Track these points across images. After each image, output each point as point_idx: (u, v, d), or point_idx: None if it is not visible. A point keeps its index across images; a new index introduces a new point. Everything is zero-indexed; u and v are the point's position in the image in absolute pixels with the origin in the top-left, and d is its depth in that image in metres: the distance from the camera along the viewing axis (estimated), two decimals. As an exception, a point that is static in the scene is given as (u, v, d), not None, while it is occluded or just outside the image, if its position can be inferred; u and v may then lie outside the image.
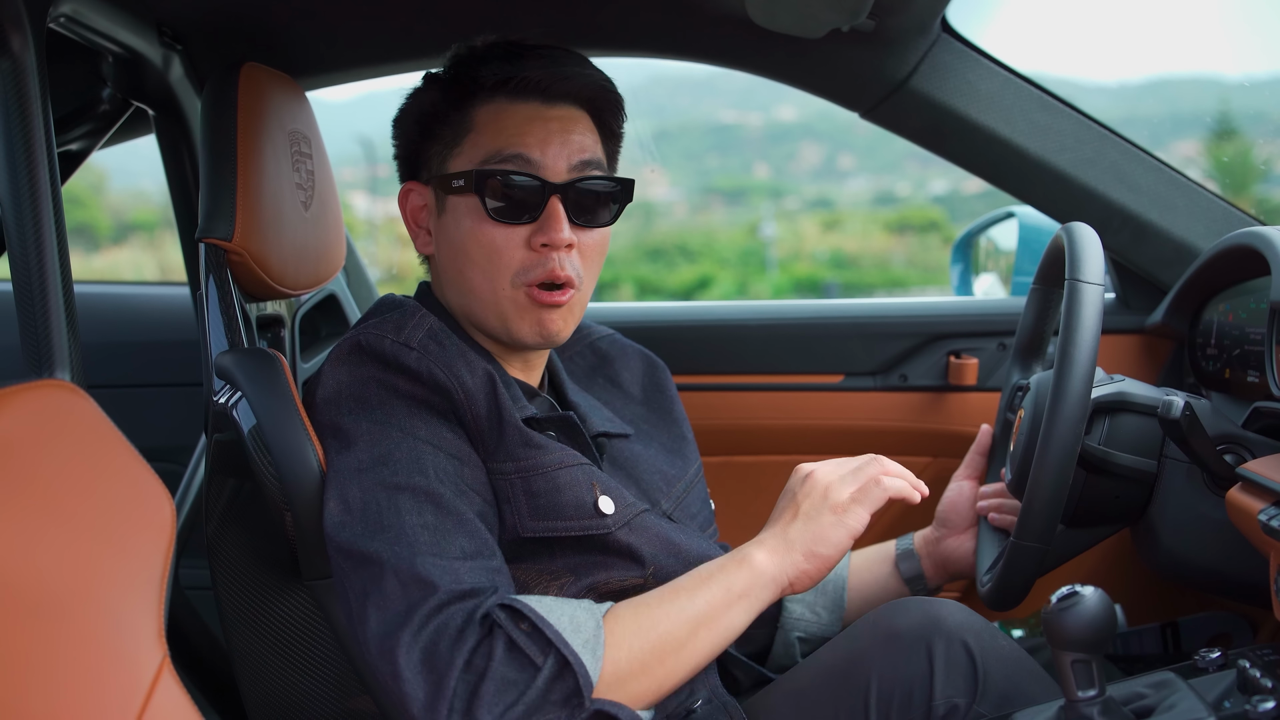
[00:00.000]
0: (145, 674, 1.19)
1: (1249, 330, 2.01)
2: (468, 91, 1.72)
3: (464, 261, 1.70)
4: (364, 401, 1.58)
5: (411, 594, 1.44)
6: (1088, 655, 1.34)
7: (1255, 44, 30.46)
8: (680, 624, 1.52)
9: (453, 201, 1.71)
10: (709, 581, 1.56)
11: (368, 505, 1.51)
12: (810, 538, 1.59)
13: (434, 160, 1.74)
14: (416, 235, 1.78)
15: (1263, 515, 1.43)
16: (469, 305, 1.73)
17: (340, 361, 1.62)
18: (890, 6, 2.01)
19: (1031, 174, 2.29)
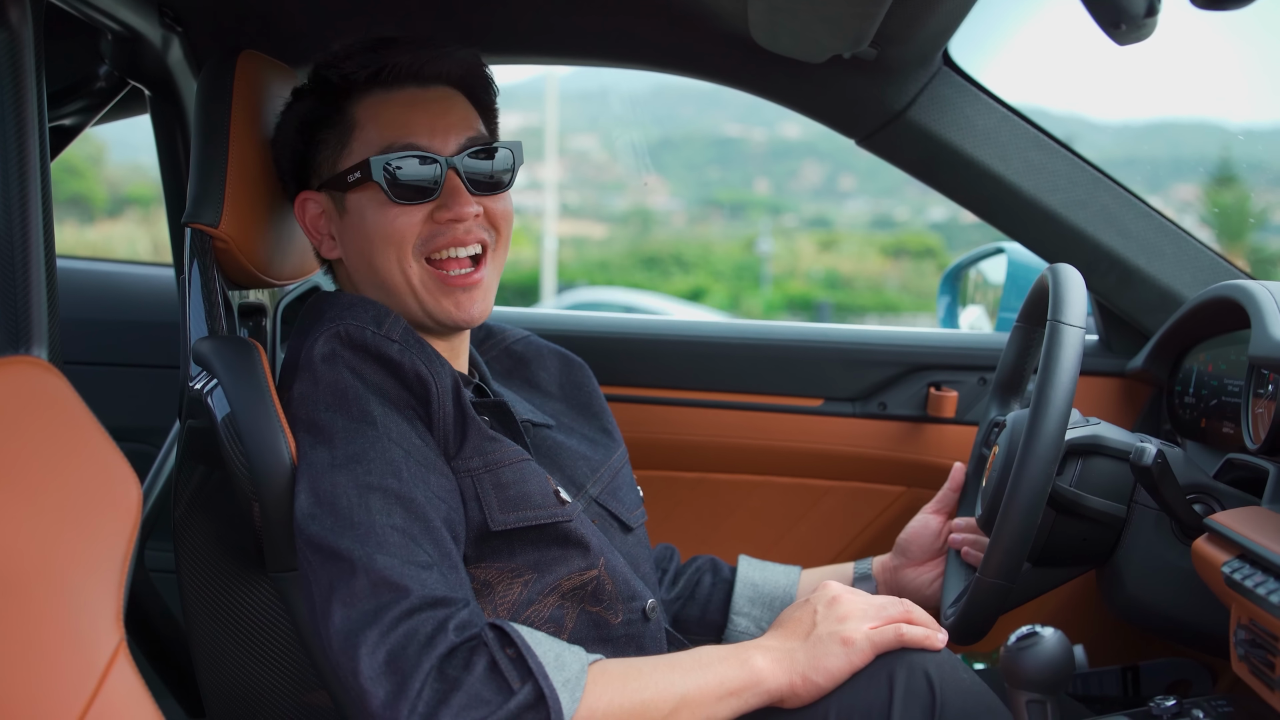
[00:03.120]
0: (100, 657, 1.19)
1: (1227, 382, 2.02)
2: (342, 90, 1.73)
3: (372, 251, 1.71)
4: (342, 396, 1.58)
5: (381, 595, 1.44)
6: (1043, 696, 1.34)
7: (1259, 93, 30.55)
8: (666, 696, 1.51)
9: (353, 199, 1.72)
10: (706, 668, 1.55)
11: (338, 500, 1.50)
12: (812, 662, 1.57)
13: (324, 165, 1.74)
14: (321, 242, 1.77)
15: (1226, 568, 1.44)
16: (385, 297, 1.73)
17: (319, 354, 1.61)
18: (893, 37, 2.02)
19: (1023, 212, 2.30)
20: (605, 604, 1.70)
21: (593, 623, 1.69)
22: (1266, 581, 1.34)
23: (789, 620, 1.63)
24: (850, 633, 1.57)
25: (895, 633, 1.57)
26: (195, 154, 1.72)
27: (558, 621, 1.65)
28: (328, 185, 1.73)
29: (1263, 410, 1.78)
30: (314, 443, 1.56)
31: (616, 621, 1.71)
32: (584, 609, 1.68)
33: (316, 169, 1.75)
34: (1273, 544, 1.38)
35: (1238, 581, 1.39)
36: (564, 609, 1.66)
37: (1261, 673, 1.38)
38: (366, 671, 1.40)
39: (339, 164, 1.72)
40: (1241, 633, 1.44)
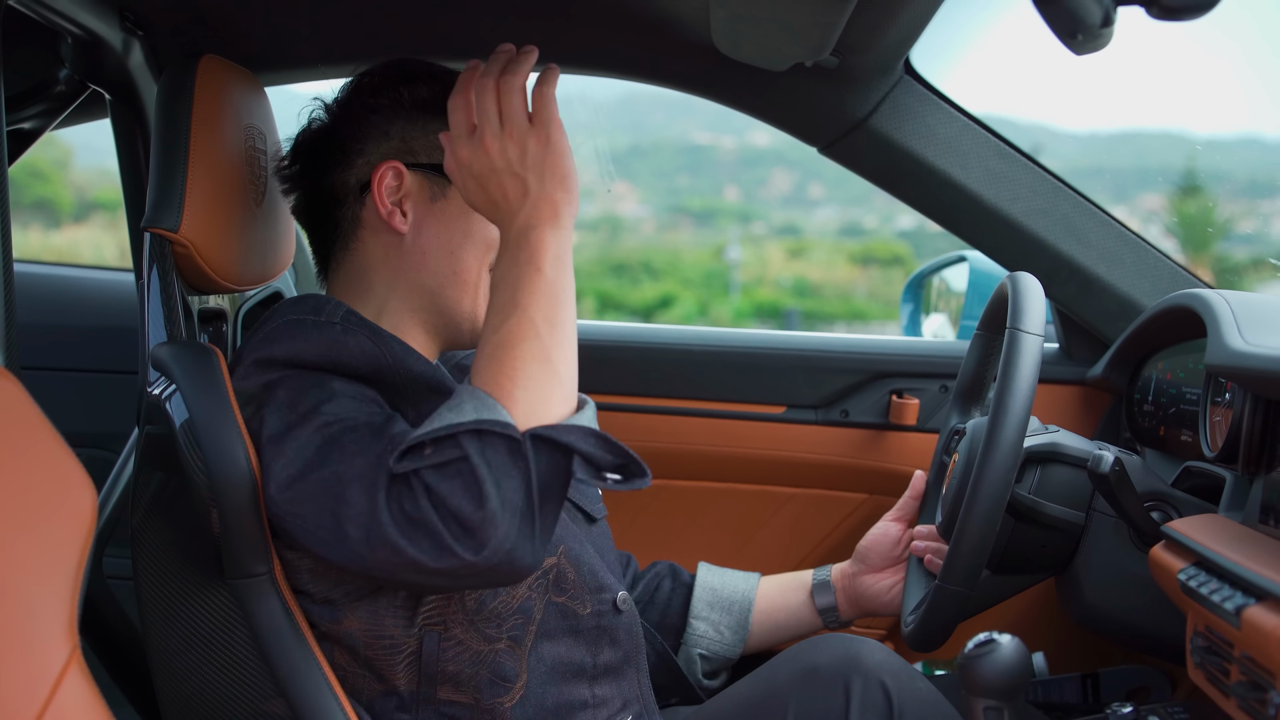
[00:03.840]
0: (53, 665, 1.18)
1: (1185, 390, 2.03)
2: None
3: (463, 243, 1.75)
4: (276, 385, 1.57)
5: (371, 487, 1.42)
6: (1000, 703, 1.35)
7: (1224, 105, 30.82)
8: (530, 334, 1.50)
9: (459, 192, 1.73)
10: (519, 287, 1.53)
11: (305, 449, 1.49)
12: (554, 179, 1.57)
13: (433, 150, 1.76)
14: (391, 213, 1.75)
15: (1182, 575, 1.45)
16: (442, 287, 1.76)
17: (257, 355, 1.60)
18: (854, 45, 2.02)
19: (983, 220, 2.31)
20: (570, 594, 1.70)
21: (560, 613, 1.69)
22: (1222, 589, 1.35)
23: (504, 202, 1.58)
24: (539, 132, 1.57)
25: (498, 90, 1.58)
26: (155, 158, 1.71)
27: (526, 613, 1.65)
28: (436, 169, 1.75)
29: (1220, 418, 1.79)
30: (261, 418, 1.55)
31: (585, 613, 1.71)
32: (550, 599, 1.68)
33: (416, 149, 1.76)
34: (1228, 551, 1.39)
35: (1193, 589, 1.40)
36: (531, 600, 1.65)
37: (1217, 679, 1.39)
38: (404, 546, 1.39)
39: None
40: (1198, 640, 1.45)
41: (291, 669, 1.57)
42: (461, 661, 1.61)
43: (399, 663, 1.61)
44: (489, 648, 1.62)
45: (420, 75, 1.80)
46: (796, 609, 2.09)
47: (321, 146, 1.81)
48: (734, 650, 2.07)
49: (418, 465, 1.40)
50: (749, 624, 2.06)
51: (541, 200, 1.56)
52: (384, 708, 1.63)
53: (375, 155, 1.77)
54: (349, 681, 1.63)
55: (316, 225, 1.84)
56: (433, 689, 1.62)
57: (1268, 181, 20.16)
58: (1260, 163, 21.86)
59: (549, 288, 1.53)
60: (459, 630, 1.61)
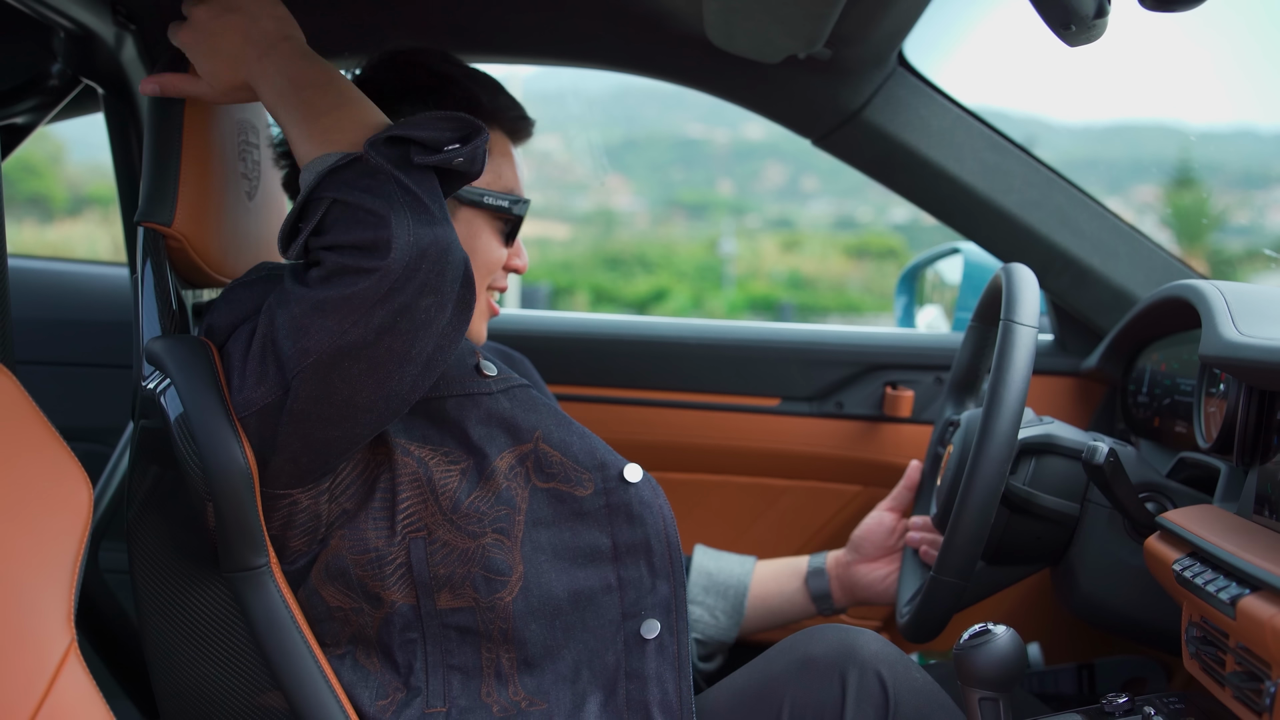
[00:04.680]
0: (51, 658, 1.18)
1: (1180, 381, 2.03)
2: (484, 115, 1.79)
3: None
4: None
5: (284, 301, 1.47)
6: (995, 694, 1.35)
7: (1217, 97, 30.86)
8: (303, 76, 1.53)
9: (469, 214, 1.79)
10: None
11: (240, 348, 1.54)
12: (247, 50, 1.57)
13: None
14: None
15: (1177, 565, 1.45)
16: None
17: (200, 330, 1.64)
18: (847, 37, 2.02)
19: (977, 212, 2.31)
20: (560, 477, 1.69)
21: (555, 498, 1.68)
22: (1216, 579, 1.35)
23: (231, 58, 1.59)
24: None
25: None
26: (148, 152, 1.71)
27: (508, 503, 1.65)
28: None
29: (1214, 409, 1.79)
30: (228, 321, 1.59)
31: (587, 493, 1.69)
32: (535, 486, 1.68)
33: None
34: (1223, 542, 1.40)
35: (1188, 579, 1.40)
36: (511, 489, 1.65)
37: (1212, 670, 1.39)
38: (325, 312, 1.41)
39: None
40: (1193, 630, 1.45)
41: (287, 662, 1.58)
42: (451, 563, 1.62)
43: (390, 575, 1.61)
44: (475, 544, 1.62)
45: (450, 79, 1.80)
46: (791, 595, 2.10)
47: None
48: (729, 634, 2.08)
49: (305, 241, 1.44)
50: (744, 608, 2.08)
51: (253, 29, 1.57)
52: (390, 632, 1.63)
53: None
54: (352, 624, 1.64)
55: None
56: (431, 600, 1.62)
57: (1262, 173, 20.18)
58: (1254, 154, 21.90)
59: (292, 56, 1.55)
60: (442, 532, 1.62)
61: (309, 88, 1.53)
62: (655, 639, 1.67)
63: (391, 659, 1.64)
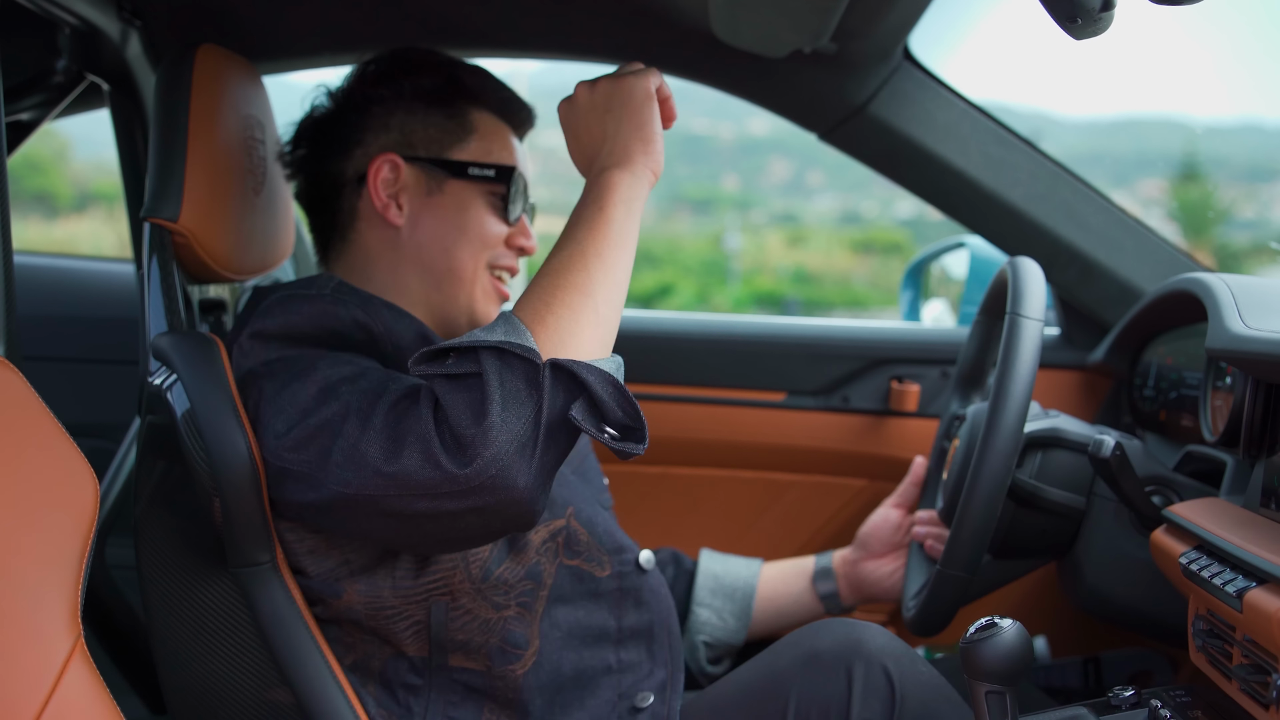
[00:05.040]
0: (57, 655, 1.18)
1: (1186, 374, 2.03)
2: (469, 94, 1.83)
3: (457, 239, 1.80)
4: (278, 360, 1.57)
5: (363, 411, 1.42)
6: (1002, 687, 1.35)
7: (1222, 91, 30.79)
8: (579, 265, 1.47)
9: (458, 187, 1.80)
10: (580, 224, 1.51)
11: (302, 400, 1.49)
12: (634, 131, 1.57)
13: (431, 143, 1.81)
14: (386, 206, 1.79)
15: (1184, 558, 1.45)
16: (438, 282, 1.80)
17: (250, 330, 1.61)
18: (853, 31, 2.02)
19: (983, 206, 2.31)
20: (584, 555, 1.70)
21: (576, 577, 1.70)
22: (1223, 572, 1.35)
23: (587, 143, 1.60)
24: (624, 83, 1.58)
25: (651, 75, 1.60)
26: (154, 148, 1.71)
27: (535, 578, 1.66)
28: (433, 163, 1.80)
29: (1221, 403, 1.79)
30: (258, 387, 1.55)
31: (604, 574, 1.71)
32: (562, 563, 1.69)
33: (421, 142, 1.81)
34: (1229, 535, 1.40)
35: (1195, 572, 1.40)
36: (540, 564, 1.66)
37: (1219, 662, 1.39)
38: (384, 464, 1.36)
39: (452, 151, 1.81)
40: (1199, 623, 1.45)
41: (295, 657, 1.58)
42: (471, 630, 1.62)
43: (403, 630, 1.62)
44: (497, 615, 1.62)
45: (424, 66, 1.83)
46: (798, 595, 2.10)
47: (322, 134, 1.84)
48: (737, 637, 2.08)
49: (433, 370, 1.38)
50: (752, 610, 2.08)
51: (617, 144, 1.57)
52: (396, 672, 1.63)
53: (373, 147, 1.80)
54: (357, 651, 1.64)
55: (316, 213, 1.87)
56: (444, 656, 1.63)
57: (1267, 167, 20.14)
58: (1260, 148, 21.85)
59: (608, 226, 1.50)
60: (466, 599, 1.61)
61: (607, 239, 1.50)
62: (649, 707, 1.71)
63: (392, 693, 1.65)
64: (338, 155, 1.82)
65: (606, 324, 1.47)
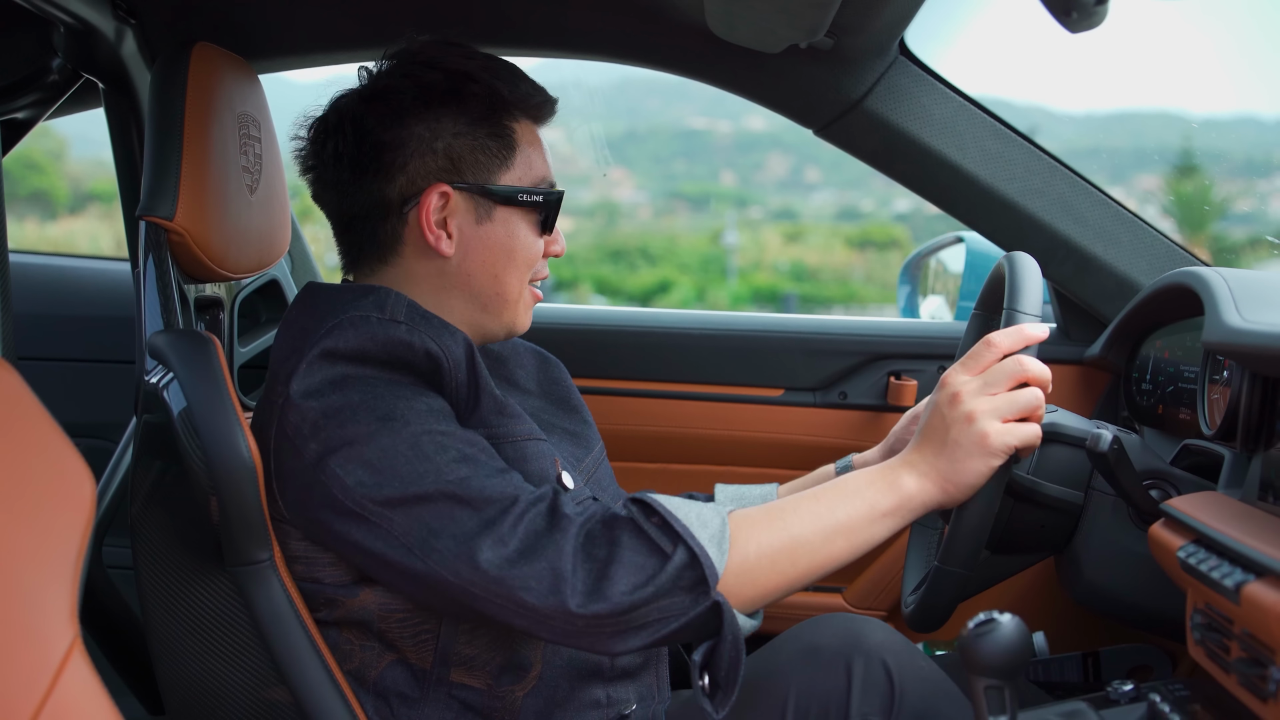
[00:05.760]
0: (54, 654, 1.18)
1: (1183, 368, 2.03)
2: (508, 107, 1.75)
3: (508, 264, 1.75)
4: (345, 381, 1.56)
5: (487, 511, 1.48)
6: (1000, 682, 1.34)
7: (1219, 84, 30.80)
8: (816, 530, 1.54)
9: (506, 213, 1.74)
10: (853, 496, 1.57)
11: (394, 458, 1.50)
12: (954, 470, 1.57)
13: (479, 169, 1.72)
14: (437, 238, 1.71)
15: (1182, 552, 1.44)
16: (484, 304, 1.76)
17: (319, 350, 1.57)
18: (848, 26, 2.02)
19: (980, 201, 2.31)
20: None
21: None
22: (1221, 565, 1.35)
23: (925, 430, 1.62)
24: (984, 432, 1.56)
25: (1032, 434, 1.58)
26: (149, 147, 1.71)
27: None
28: (481, 191, 1.72)
29: (1218, 396, 1.79)
30: (339, 421, 1.53)
31: None
32: None
33: (463, 168, 1.71)
34: (1227, 528, 1.40)
35: (1193, 566, 1.40)
36: None
37: (1217, 656, 1.39)
38: (508, 574, 1.44)
39: (500, 177, 1.73)
40: (1198, 617, 1.45)
41: (292, 656, 1.58)
42: (479, 645, 1.62)
43: (412, 637, 1.61)
44: (508, 634, 1.62)
45: (462, 77, 1.72)
46: None
47: (355, 147, 1.72)
48: None
49: (633, 516, 1.49)
50: None
51: (933, 469, 1.58)
52: (393, 682, 1.63)
53: (419, 174, 1.71)
54: (355, 660, 1.63)
55: (348, 229, 1.77)
56: (446, 669, 1.62)
57: (1264, 160, 20.14)
58: (1257, 141, 21.83)
59: (862, 523, 1.56)
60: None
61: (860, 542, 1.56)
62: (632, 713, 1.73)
63: (387, 704, 1.64)
64: (376, 176, 1.71)
65: (792, 585, 1.56)
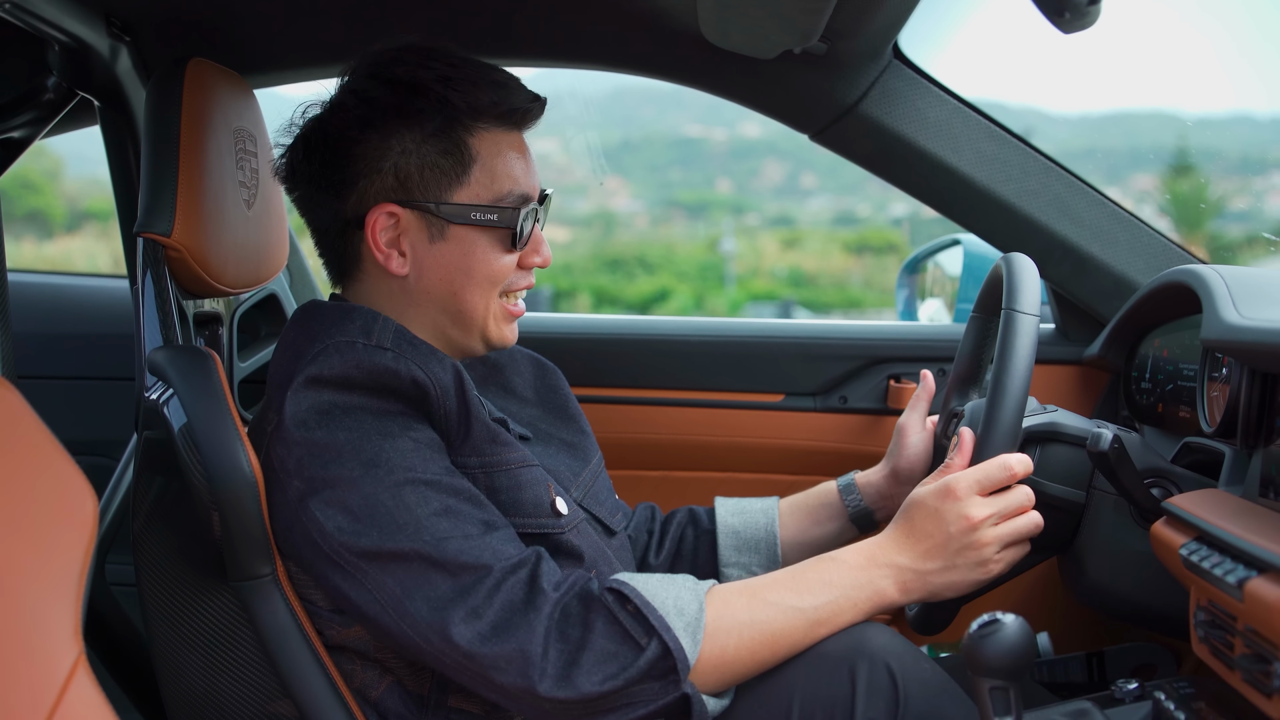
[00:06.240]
0: (59, 671, 1.18)
1: (1182, 366, 2.03)
2: (463, 119, 1.68)
3: (466, 283, 1.71)
4: (331, 413, 1.55)
5: (462, 579, 1.48)
6: (1005, 683, 1.34)
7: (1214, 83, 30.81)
8: (796, 624, 1.58)
9: (460, 232, 1.69)
10: (832, 588, 1.60)
11: (375, 508, 1.50)
12: (946, 583, 1.63)
13: (429, 186, 1.67)
14: (388, 257, 1.68)
15: (1184, 550, 1.44)
16: (450, 321, 1.73)
17: (307, 375, 1.56)
18: (842, 31, 2.02)
19: (976, 203, 2.31)
20: None
21: None
22: (1224, 562, 1.35)
23: (922, 534, 1.64)
24: (986, 557, 1.62)
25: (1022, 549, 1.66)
26: (146, 163, 1.71)
27: None
28: (431, 210, 1.67)
29: (1217, 393, 1.79)
30: (323, 461, 1.53)
31: None
32: None
33: (411, 186, 1.67)
34: (1229, 525, 1.40)
35: (1195, 563, 1.39)
36: None
37: (1221, 653, 1.39)
38: (480, 651, 1.45)
39: (452, 194, 1.68)
40: (1201, 614, 1.45)
41: (296, 669, 1.58)
42: None
43: (408, 665, 1.61)
44: None
45: (411, 88, 1.67)
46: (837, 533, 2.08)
47: (309, 163, 1.71)
48: None
49: (608, 604, 1.51)
50: (779, 555, 2.04)
51: (919, 577, 1.62)
52: (392, 702, 1.63)
53: (368, 193, 1.68)
54: (356, 680, 1.63)
55: (319, 243, 1.77)
56: (444, 695, 1.62)
57: (1260, 158, 20.16)
58: (1252, 139, 21.85)
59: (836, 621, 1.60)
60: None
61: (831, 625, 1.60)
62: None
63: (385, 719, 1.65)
64: (331, 195, 1.70)
65: (753, 672, 1.59)
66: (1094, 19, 1.28)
